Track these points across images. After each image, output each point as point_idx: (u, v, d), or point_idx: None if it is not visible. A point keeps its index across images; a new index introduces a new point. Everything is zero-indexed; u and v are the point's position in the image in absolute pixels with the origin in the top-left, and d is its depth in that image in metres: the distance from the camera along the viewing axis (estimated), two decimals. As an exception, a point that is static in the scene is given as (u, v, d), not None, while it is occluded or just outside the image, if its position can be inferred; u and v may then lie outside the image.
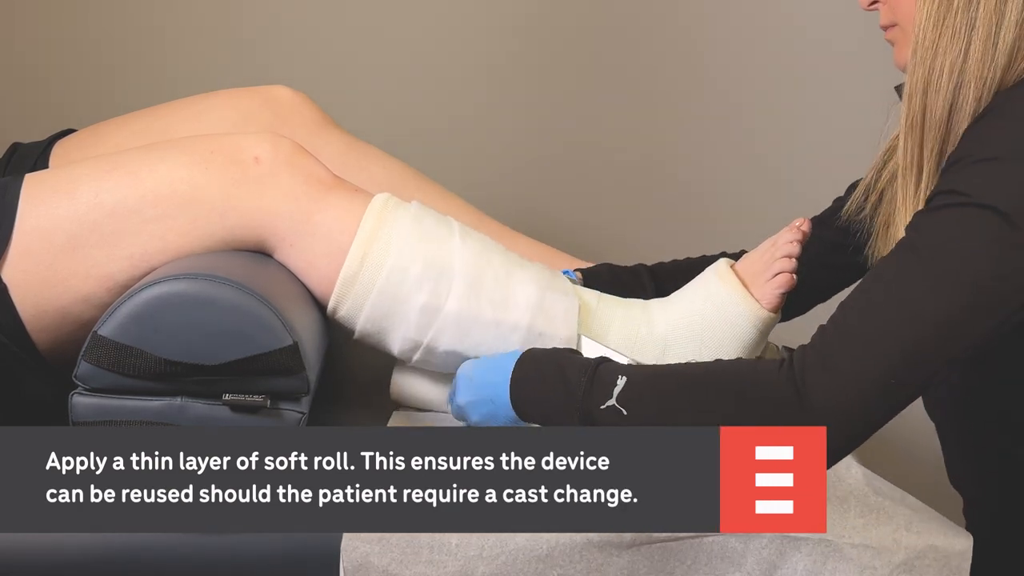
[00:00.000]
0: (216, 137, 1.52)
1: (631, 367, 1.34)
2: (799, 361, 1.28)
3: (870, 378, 1.26)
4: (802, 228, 1.57)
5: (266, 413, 1.36)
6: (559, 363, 1.37)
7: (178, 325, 1.34)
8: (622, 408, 1.31)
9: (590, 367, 1.34)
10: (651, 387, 1.31)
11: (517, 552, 1.36)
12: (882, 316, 1.26)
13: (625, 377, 1.32)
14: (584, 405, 1.33)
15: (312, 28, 2.37)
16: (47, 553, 1.36)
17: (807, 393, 1.26)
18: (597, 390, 1.33)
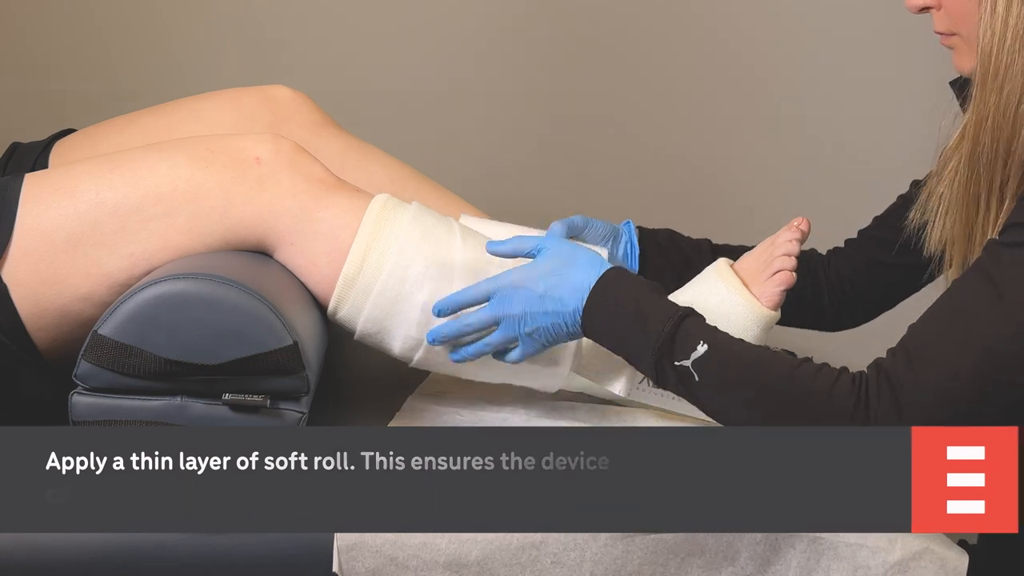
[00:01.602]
0: (217, 137, 1.53)
1: (715, 333, 1.34)
2: (873, 386, 1.28)
3: (937, 411, 1.27)
4: (801, 227, 1.57)
5: (266, 413, 1.36)
6: (641, 300, 1.36)
7: (178, 324, 1.35)
8: (695, 372, 1.32)
9: (675, 317, 1.34)
10: (730, 367, 1.32)
11: (511, 537, 1.36)
12: (955, 347, 1.27)
13: (707, 346, 1.32)
14: (658, 353, 1.34)
15: (312, 28, 2.38)
16: (47, 553, 1.36)
17: (875, 422, 1.27)
18: (678, 344, 1.33)
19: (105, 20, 2.37)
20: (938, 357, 1.28)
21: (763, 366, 1.32)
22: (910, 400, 1.27)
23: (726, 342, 1.33)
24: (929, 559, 1.37)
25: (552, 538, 1.36)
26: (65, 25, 2.37)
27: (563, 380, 1.54)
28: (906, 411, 1.27)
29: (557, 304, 1.39)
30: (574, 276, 1.39)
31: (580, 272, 1.39)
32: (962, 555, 1.38)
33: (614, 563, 1.37)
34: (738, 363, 1.32)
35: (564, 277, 1.40)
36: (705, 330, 1.34)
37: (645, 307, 1.36)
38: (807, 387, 1.30)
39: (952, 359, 1.27)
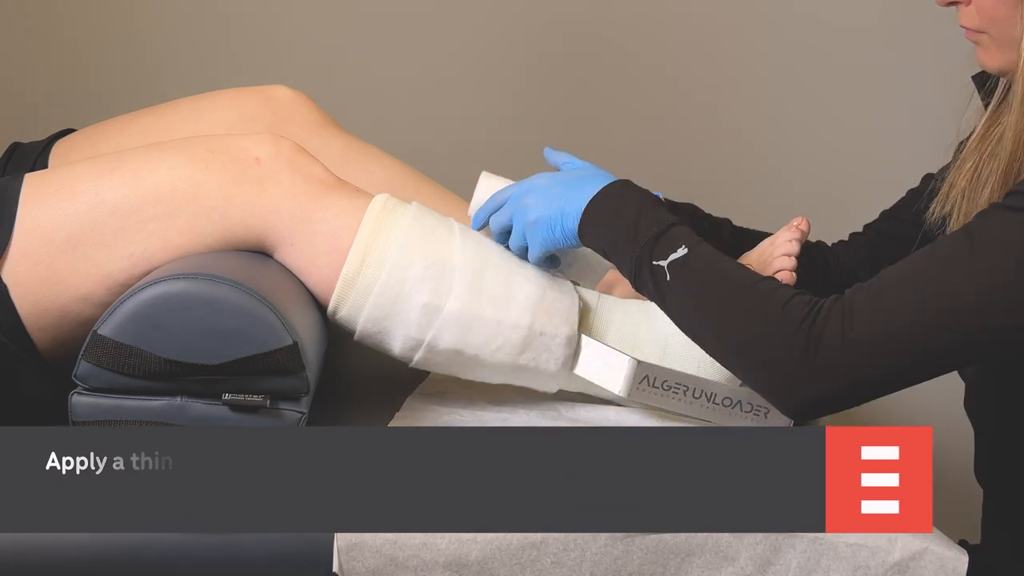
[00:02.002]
0: (217, 137, 1.53)
1: (700, 243, 1.36)
2: (826, 310, 1.29)
3: (883, 349, 1.27)
4: (800, 227, 1.58)
5: (266, 413, 1.36)
6: (639, 206, 1.39)
7: (178, 324, 1.35)
8: (668, 272, 1.35)
9: (665, 223, 1.37)
10: (702, 272, 1.34)
11: (511, 537, 1.36)
12: (914, 290, 1.28)
13: (687, 249, 1.35)
14: (641, 251, 1.37)
15: (312, 28, 2.38)
16: (47, 553, 1.36)
17: (816, 349, 1.28)
18: (660, 246, 1.36)
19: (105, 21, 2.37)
20: (897, 295, 1.28)
21: (731, 274, 1.34)
22: (860, 328, 1.27)
23: (708, 251, 1.35)
24: (929, 559, 1.37)
25: (552, 538, 1.36)
26: (65, 25, 2.37)
27: (563, 380, 1.54)
28: (852, 336, 1.27)
29: (560, 200, 1.44)
30: (584, 183, 1.44)
31: (590, 182, 1.44)
32: (962, 555, 1.38)
33: (614, 563, 1.37)
34: (709, 268, 1.34)
35: (574, 181, 1.45)
36: (691, 238, 1.36)
37: (643, 213, 1.38)
38: (764, 296, 1.31)
39: (909, 300, 1.27)
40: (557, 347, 1.50)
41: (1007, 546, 1.52)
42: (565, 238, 1.45)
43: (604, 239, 1.41)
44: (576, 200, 1.43)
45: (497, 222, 1.51)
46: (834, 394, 1.30)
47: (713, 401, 1.50)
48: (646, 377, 1.49)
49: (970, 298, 1.26)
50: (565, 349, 1.51)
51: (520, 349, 1.50)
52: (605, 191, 1.42)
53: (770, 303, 1.31)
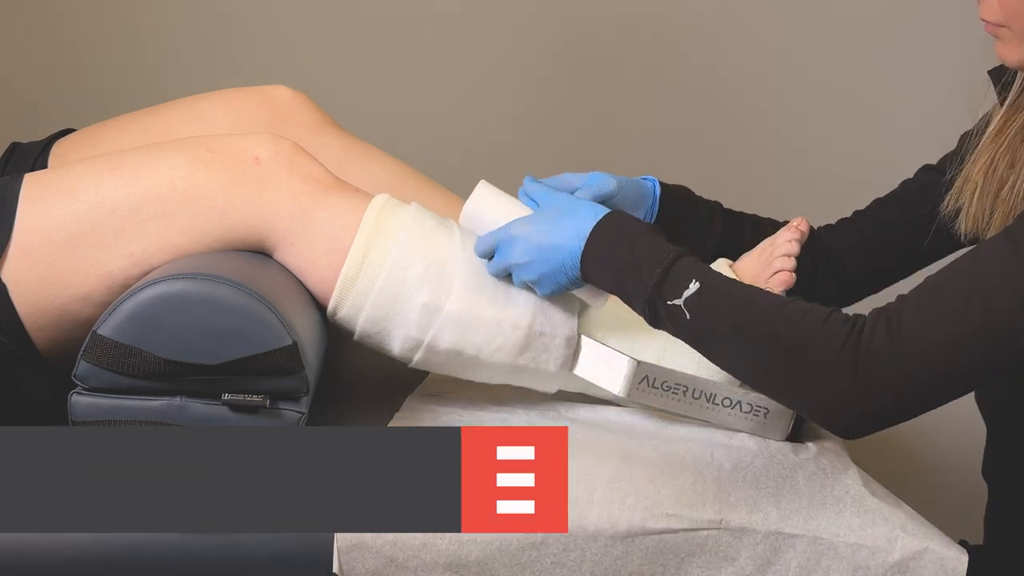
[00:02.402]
0: (217, 137, 1.53)
1: (708, 272, 1.34)
2: (871, 323, 1.27)
3: (934, 359, 1.25)
4: (800, 227, 1.58)
5: (266, 413, 1.36)
6: (637, 241, 1.37)
7: (178, 324, 1.35)
8: (686, 311, 1.32)
9: (667, 259, 1.34)
10: (721, 304, 1.31)
11: (511, 538, 1.36)
12: (964, 297, 1.25)
13: (699, 283, 1.32)
14: (652, 295, 1.34)
15: (312, 28, 2.38)
16: (47, 553, 1.36)
17: (867, 363, 1.26)
18: (669, 285, 1.33)
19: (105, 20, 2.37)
20: (943, 303, 1.26)
21: (754, 300, 1.31)
22: (909, 338, 1.25)
23: (719, 280, 1.33)
24: (929, 559, 1.37)
25: (552, 539, 1.36)
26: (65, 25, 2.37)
27: (563, 380, 1.54)
28: (902, 348, 1.25)
29: (554, 251, 1.42)
30: (571, 223, 1.42)
31: (577, 219, 1.41)
32: (962, 555, 1.38)
33: (614, 563, 1.37)
34: (728, 299, 1.32)
35: (560, 224, 1.42)
36: (698, 269, 1.34)
37: (640, 249, 1.36)
38: (800, 318, 1.29)
39: (956, 306, 1.25)
40: (557, 347, 1.50)
41: (1008, 546, 1.52)
42: (573, 284, 1.44)
43: (608, 281, 1.40)
44: (567, 245, 1.41)
45: (494, 270, 1.48)
46: (888, 408, 1.27)
47: (712, 401, 1.50)
48: (645, 377, 1.49)
49: (1017, 301, 1.24)
50: (565, 349, 1.51)
51: (520, 349, 1.50)
52: (596, 233, 1.40)
53: (808, 324, 1.28)
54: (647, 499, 1.38)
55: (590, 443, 1.48)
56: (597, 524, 1.37)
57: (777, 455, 1.46)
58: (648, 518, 1.37)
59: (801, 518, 1.39)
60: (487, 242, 1.47)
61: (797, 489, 1.41)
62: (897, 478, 1.84)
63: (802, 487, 1.41)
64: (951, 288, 1.27)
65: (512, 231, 1.45)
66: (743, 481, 1.41)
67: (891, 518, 1.40)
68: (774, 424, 1.50)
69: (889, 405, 1.27)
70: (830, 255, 1.68)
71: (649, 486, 1.39)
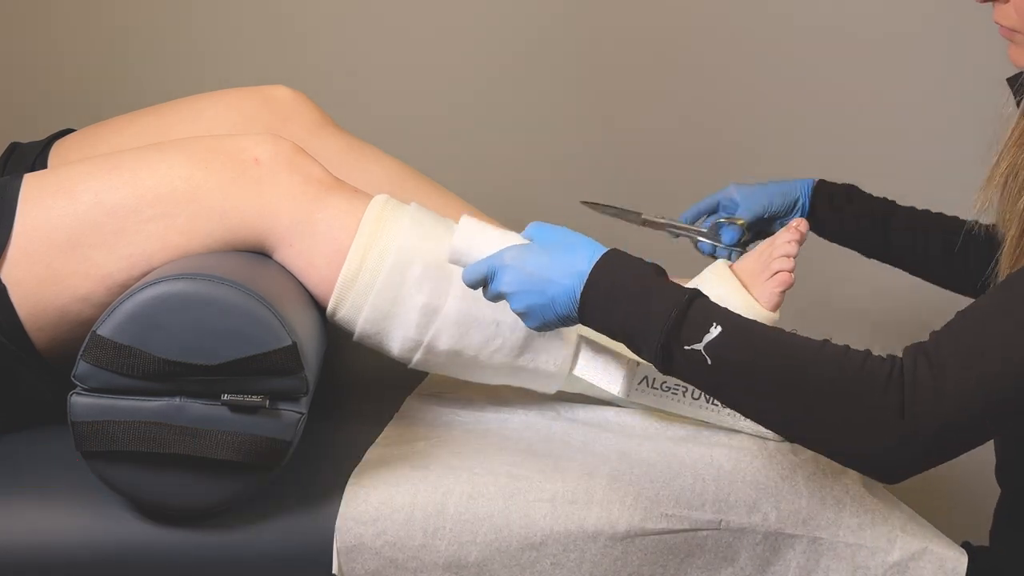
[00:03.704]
0: (216, 138, 1.53)
1: (728, 315, 1.27)
2: (910, 362, 1.23)
3: (979, 396, 1.21)
4: (799, 228, 1.57)
5: (265, 413, 1.36)
6: (643, 282, 1.29)
7: (177, 325, 1.35)
8: (707, 356, 1.25)
9: (682, 301, 1.26)
10: (747, 350, 1.25)
11: (511, 538, 1.36)
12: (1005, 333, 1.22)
13: (720, 327, 1.25)
14: (667, 339, 1.26)
15: (312, 28, 2.38)
16: (47, 553, 1.36)
17: (913, 402, 1.21)
18: (687, 329, 1.26)
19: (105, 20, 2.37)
20: (982, 337, 1.22)
21: (783, 345, 1.26)
22: (952, 376, 1.21)
23: (741, 323, 1.27)
24: (928, 559, 1.37)
25: (552, 539, 1.37)
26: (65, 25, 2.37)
27: (562, 381, 1.54)
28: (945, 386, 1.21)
29: (547, 284, 1.32)
30: (567, 258, 1.32)
31: (573, 254, 1.32)
32: (961, 555, 1.38)
33: (613, 564, 1.37)
34: (753, 344, 1.25)
35: (555, 258, 1.33)
36: (717, 312, 1.27)
37: (650, 290, 1.28)
38: (837, 361, 1.24)
39: (995, 340, 1.22)
40: (556, 348, 1.50)
41: (1017, 547, 1.51)
42: (563, 322, 1.34)
43: (611, 322, 1.30)
44: (563, 280, 1.31)
45: (490, 297, 1.39)
46: (934, 448, 1.23)
47: (712, 402, 1.50)
48: (645, 378, 1.49)
49: None
50: (564, 350, 1.51)
51: (519, 350, 1.50)
52: (598, 272, 1.30)
53: (847, 367, 1.23)
54: (647, 499, 1.38)
55: (590, 443, 1.48)
56: (597, 524, 1.37)
57: (776, 455, 1.46)
58: (648, 518, 1.37)
59: (800, 518, 1.39)
60: (478, 270, 1.37)
61: (796, 489, 1.41)
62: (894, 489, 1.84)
63: (802, 487, 1.41)
64: (989, 323, 1.23)
65: (505, 258, 1.35)
66: (742, 481, 1.41)
67: (890, 518, 1.40)
68: (773, 424, 1.50)
69: (936, 445, 1.22)
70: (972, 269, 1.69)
71: (649, 486, 1.40)
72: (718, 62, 2.38)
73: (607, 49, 2.38)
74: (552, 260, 1.32)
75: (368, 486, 1.39)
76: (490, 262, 1.36)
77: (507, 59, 2.38)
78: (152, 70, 2.36)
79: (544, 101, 2.39)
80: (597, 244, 1.34)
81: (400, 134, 2.23)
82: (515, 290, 1.33)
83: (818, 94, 2.39)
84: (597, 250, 1.32)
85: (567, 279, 1.31)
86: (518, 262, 1.33)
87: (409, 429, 1.52)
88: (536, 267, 1.32)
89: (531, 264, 1.33)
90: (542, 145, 2.41)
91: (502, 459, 1.43)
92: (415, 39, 2.38)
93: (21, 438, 1.48)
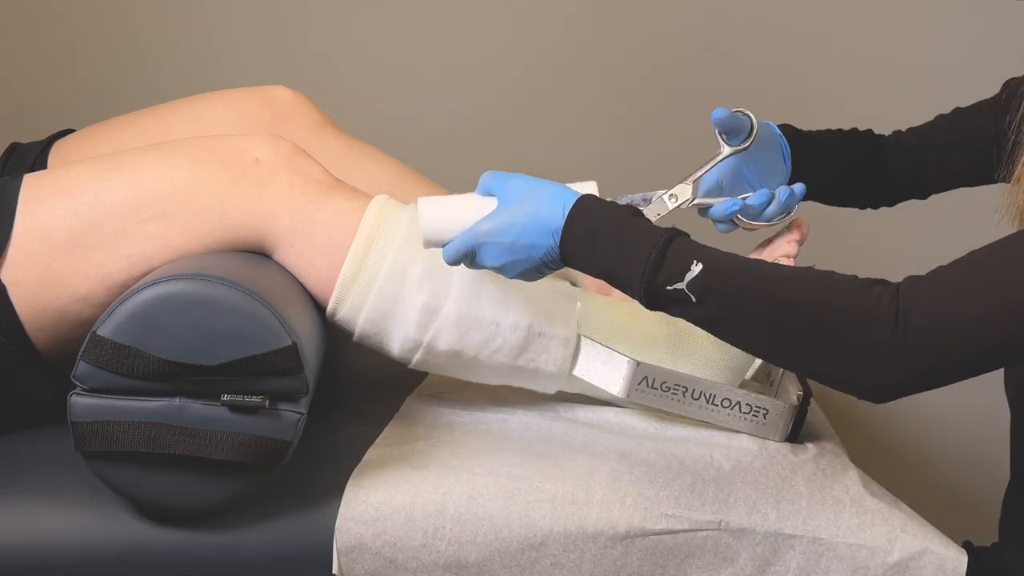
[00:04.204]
0: (216, 138, 1.53)
1: (710, 251, 1.28)
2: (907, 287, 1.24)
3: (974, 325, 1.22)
4: (801, 228, 1.58)
5: (265, 413, 1.36)
6: (619, 226, 1.30)
7: (177, 325, 1.35)
8: (691, 294, 1.26)
9: (661, 241, 1.28)
10: (730, 282, 1.26)
11: (511, 539, 1.36)
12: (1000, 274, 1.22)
13: (701, 264, 1.26)
14: (649, 280, 1.27)
15: (312, 28, 2.38)
16: (47, 553, 1.36)
17: (907, 321, 1.22)
18: (667, 269, 1.27)
19: (104, 20, 2.37)
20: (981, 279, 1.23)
21: (769, 273, 1.27)
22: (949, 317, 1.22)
23: (722, 258, 1.28)
24: (928, 559, 1.37)
25: (552, 539, 1.36)
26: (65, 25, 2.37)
27: (562, 381, 1.54)
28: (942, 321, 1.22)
29: (530, 250, 1.34)
30: (540, 214, 1.34)
31: (546, 207, 1.34)
32: (961, 555, 1.38)
33: (613, 564, 1.37)
34: (739, 275, 1.26)
35: (531, 217, 1.35)
36: (696, 249, 1.28)
37: (627, 233, 1.30)
38: (825, 283, 1.25)
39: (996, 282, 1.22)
40: (556, 348, 1.50)
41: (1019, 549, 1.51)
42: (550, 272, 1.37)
43: (595, 267, 1.32)
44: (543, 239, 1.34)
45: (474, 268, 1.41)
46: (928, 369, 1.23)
47: (712, 402, 1.50)
48: (645, 378, 1.49)
49: None
50: (564, 350, 1.51)
51: (519, 350, 1.50)
52: (572, 224, 1.32)
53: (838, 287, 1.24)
54: (646, 500, 1.38)
55: (590, 443, 1.48)
56: (596, 525, 1.37)
57: (776, 456, 1.46)
58: (647, 519, 1.37)
59: (800, 519, 1.39)
60: (456, 249, 1.38)
61: (796, 490, 1.41)
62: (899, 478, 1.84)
63: (801, 488, 1.41)
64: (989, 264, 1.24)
65: (481, 233, 1.37)
66: (742, 482, 1.41)
67: (890, 518, 1.40)
68: (773, 425, 1.50)
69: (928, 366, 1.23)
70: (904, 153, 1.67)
71: (648, 487, 1.40)
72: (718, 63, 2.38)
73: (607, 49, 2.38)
74: (528, 221, 1.35)
75: (368, 486, 1.39)
76: (467, 240, 1.37)
77: (507, 59, 2.38)
78: (152, 70, 2.36)
79: (544, 101, 2.39)
80: (564, 188, 1.36)
81: (400, 134, 2.23)
82: (502, 263, 1.37)
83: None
84: (567, 197, 1.34)
85: (547, 238, 1.34)
86: (495, 235, 1.36)
87: (409, 429, 1.51)
88: (514, 234, 1.35)
89: (509, 233, 1.35)
90: (542, 145, 2.40)
91: (502, 459, 1.43)
92: (415, 39, 2.38)
93: (21, 438, 1.48)
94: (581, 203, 1.34)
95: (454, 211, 1.40)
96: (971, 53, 2.30)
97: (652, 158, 2.40)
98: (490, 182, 1.41)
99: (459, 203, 1.41)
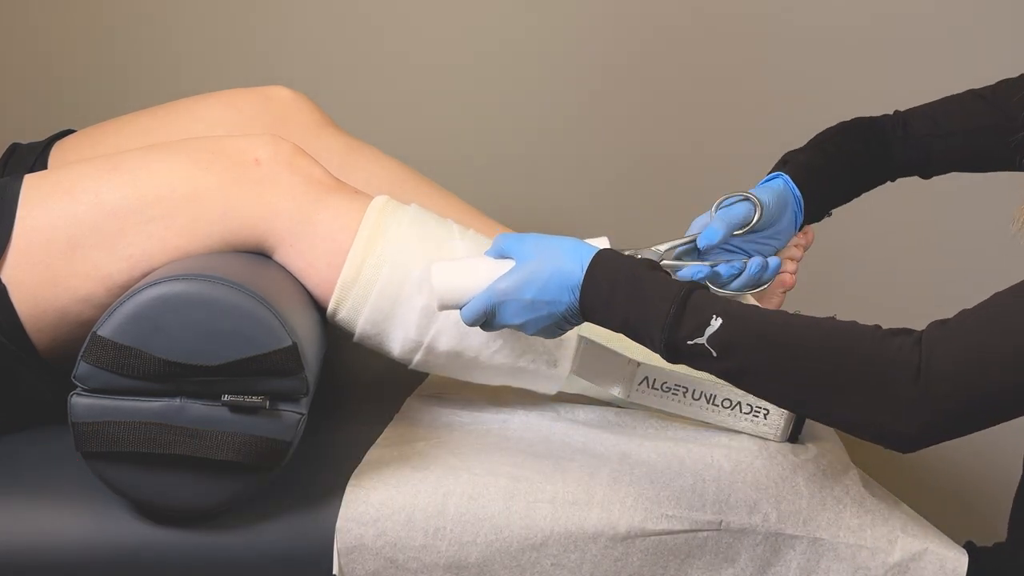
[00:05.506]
0: (217, 138, 1.53)
1: (727, 304, 1.27)
2: (928, 337, 1.22)
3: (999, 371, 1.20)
4: (806, 235, 1.58)
5: (265, 414, 1.36)
6: (638, 281, 1.29)
7: (177, 325, 1.35)
8: (711, 349, 1.25)
9: (679, 295, 1.27)
10: (751, 335, 1.25)
11: (511, 539, 1.36)
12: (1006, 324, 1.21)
13: (721, 319, 1.25)
14: (669, 335, 1.27)
15: (312, 28, 2.38)
16: (47, 553, 1.36)
17: (929, 370, 1.21)
18: (687, 324, 1.26)
19: (105, 20, 2.37)
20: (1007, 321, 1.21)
21: (790, 327, 1.26)
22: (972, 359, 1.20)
23: (742, 312, 1.27)
24: (929, 560, 1.37)
25: (552, 540, 1.37)
26: (65, 25, 2.37)
27: (562, 382, 1.54)
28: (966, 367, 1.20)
29: (550, 307, 1.34)
30: (559, 270, 1.34)
31: (564, 263, 1.34)
32: (962, 555, 1.38)
33: (614, 564, 1.37)
34: (759, 329, 1.25)
35: (550, 274, 1.34)
36: (716, 303, 1.27)
37: (646, 288, 1.29)
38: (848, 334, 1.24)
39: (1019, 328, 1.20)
40: (556, 349, 1.50)
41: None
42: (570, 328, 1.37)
43: (615, 322, 1.31)
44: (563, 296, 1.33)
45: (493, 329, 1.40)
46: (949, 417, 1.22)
47: (712, 403, 1.50)
48: (645, 379, 1.49)
49: None
50: (564, 351, 1.50)
51: (519, 351, 1.50)
52: (591, 281, 1.32)
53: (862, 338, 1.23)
54: (647, 500, 1.38)
55: (590, 444, 1.48)
56: (597, 525, 1.37)
57: (777, 456, 1.46)
58: (648, 519, 1.37)
59: (801, 519, 1.39)
60: (475, 310, 1.37)
61: (797, 490, 1.41)
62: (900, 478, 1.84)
63: (802, 488, 1.41)
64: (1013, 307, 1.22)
65: (499, 292, 1.36)
66: (743, 482, 1.41)
67: (891, 519, 1.40)
68: (774, 425, 1.50)
69: (952, 414, 1.22)
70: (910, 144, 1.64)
71: (649, 487, 1.40)
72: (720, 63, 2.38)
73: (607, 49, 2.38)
74: (547, 278, 1.34)
75: (368, 487, 1.39)
76: (486, 299, 1.37)
77: (507, 59, 2.38)
78: (152, 70, 2.36)
79: (544, 101, 2.39)
80: (580, 243, 1.35)
81: (400, 134, 2.23)
82: (522, 321, 1.36)
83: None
84: (584, 252, 1.34)
85: (566, 294, 1.34)
86: (515, 293, 1.35)
87: (409, 430, 1.52)
88: (534, 292, 1.35)
89: (528, 291, 1.35)
90: (542, 145, 2.40)
91: (502, 460, 1.43)
92: (415, 39, 2.38)
93: (21, 438, 1.48)
94: (599, 258, 1.33)
95: (469, 273, 1.39)
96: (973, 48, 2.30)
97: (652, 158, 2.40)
98: (504, 243, 1.39)
99: (474, 265, 1.40)
